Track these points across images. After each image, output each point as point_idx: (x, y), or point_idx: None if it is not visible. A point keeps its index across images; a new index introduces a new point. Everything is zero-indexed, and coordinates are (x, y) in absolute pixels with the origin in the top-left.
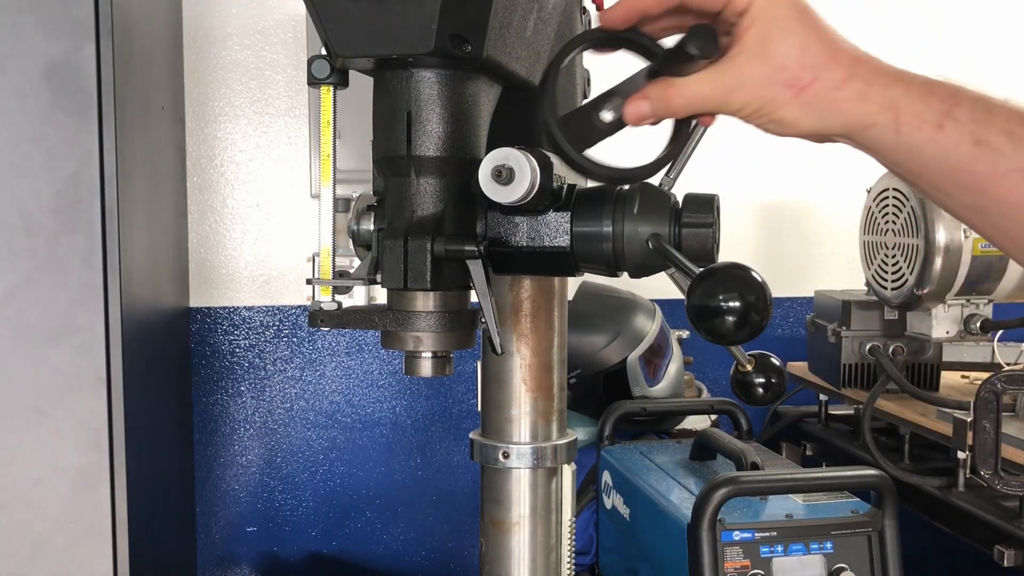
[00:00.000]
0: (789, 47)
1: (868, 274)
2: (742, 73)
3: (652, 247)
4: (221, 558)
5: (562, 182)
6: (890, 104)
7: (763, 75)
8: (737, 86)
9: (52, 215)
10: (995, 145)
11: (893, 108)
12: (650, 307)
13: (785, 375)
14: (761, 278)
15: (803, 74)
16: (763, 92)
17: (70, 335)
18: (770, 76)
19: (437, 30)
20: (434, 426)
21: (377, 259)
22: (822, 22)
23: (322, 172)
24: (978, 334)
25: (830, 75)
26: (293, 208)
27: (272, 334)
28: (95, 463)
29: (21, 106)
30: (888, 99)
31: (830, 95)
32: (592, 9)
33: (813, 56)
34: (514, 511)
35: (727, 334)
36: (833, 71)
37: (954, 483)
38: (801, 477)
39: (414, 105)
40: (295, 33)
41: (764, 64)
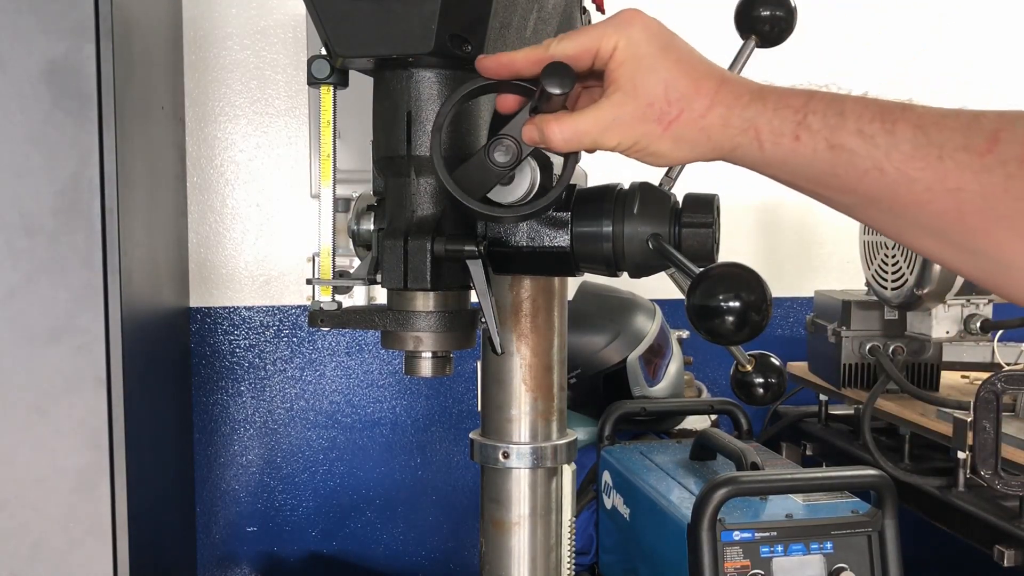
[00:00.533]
0: (655, 84)
1: (868, 274)
2: (616, 111)
3: (652, 247)
4: (221, 558)
5: None
6: (749, 124)
7: (635, 112)
8: (613, 123)
9: (52, 215)
10: (849, 147)
11: (752, 127)
12: (650, 307)
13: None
14: (761, 278)
15: (670, 108)
16: (636, 128)
17: (70, 335)
18: (641, 113)
19: (437, 30)
20: (434, 426)
21: (377, 259)
22: (686, 53)
23: (322, 172)
24: (978, 334)
25: (695, 106)
26: (293, 208)
27: (272, 334)
28: (95, 463)
29: (21, 106)
30: (747, 120)
31: (697, 125)
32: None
33: (678, 90)
34: (514, 511)
35: (727, 334)
36: (698, 101)
37: (954, 483)
38: (801, 477)
39: (414, 105)
40: (295, 33)
41: (635, 102)
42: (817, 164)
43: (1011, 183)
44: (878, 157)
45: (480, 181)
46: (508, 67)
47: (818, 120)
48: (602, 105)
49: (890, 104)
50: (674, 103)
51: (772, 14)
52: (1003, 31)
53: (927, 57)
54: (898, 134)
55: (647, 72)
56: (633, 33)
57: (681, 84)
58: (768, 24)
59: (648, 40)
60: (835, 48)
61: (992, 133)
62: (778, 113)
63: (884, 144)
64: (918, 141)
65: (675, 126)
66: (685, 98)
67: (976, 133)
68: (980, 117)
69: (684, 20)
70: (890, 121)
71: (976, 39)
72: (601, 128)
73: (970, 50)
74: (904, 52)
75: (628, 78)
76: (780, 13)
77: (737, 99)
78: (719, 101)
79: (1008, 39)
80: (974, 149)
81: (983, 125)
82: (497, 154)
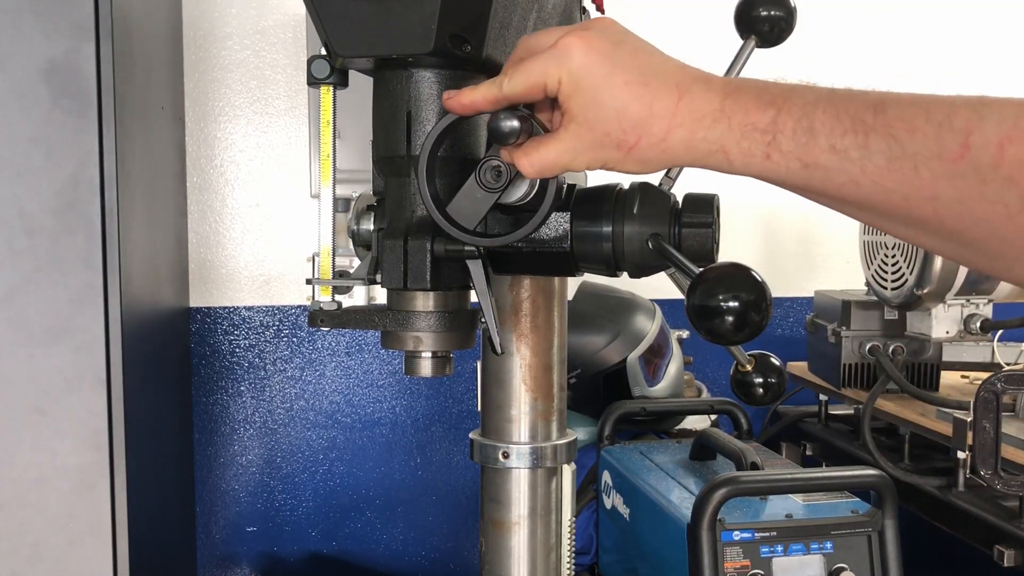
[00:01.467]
0: (607, 113)
1: (868, 274)
2: (575, 142)
3: (652, 247)
4: (221, 558)
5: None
6: (716, 146)
7: (593, 141)
8: (576, 152)
9: (52, 215)
10: (822, 163)
11: (720, 148)
12: (650, 307)
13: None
14: (761, 278)
15: (627, 136)
16: (599, 154)
17: (70, 335)
18: (600, 141)
19: (437, 30)
20: (434, 426)
21: (377, 259)
22: (636, 71)
23: (322, 172)
24: (978, 334)
25: (653, 130)
26: (293, 208)
27: (272, 334)
28: (95, 463)
29: (21, 106)
30: (712, 141)
31: (658, 148)
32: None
33: (631, 118)
34: (514, 511)
35: (727, 334)
36: (653, 127)
37: (954, 483)
38: (801, 477)
39: (414, 105)
40: (295, 33)
41: (591, 132)
42: (791, 179)
43: (985, 188)
44: (853, 172)
45: (474, 210)
46: (471, 107)
47: (788, 140)
48: (562, 136)
49: (861, 108)
50: (629, 131)
51: (772, 14)
52: (1003, 33)
53: (927, 58)
54: (871, 147)
55: (595, 105)
56: (573, 65)
57: (633, 110)
58: (768, 24)
59: (590, 69)
60: (835, 48)
61: (963, 136)
62: (746, 135)
63: (858, 158)
64: (892, 153)
65: (635, 151)
66: (640, 124)
67: (948, 137)
68: (952, 116)
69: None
70: (862, 133)
71: (976, 40)
72: (568, 158)
73: (970, 51)
74: (904, 53)
75: (579, 110)
76: (780, 13)
77: (698, 121)
78: (678, 124)
79: (1008, 41)
80: (947, 156)
81: (955, 126)
82: (488, 176)
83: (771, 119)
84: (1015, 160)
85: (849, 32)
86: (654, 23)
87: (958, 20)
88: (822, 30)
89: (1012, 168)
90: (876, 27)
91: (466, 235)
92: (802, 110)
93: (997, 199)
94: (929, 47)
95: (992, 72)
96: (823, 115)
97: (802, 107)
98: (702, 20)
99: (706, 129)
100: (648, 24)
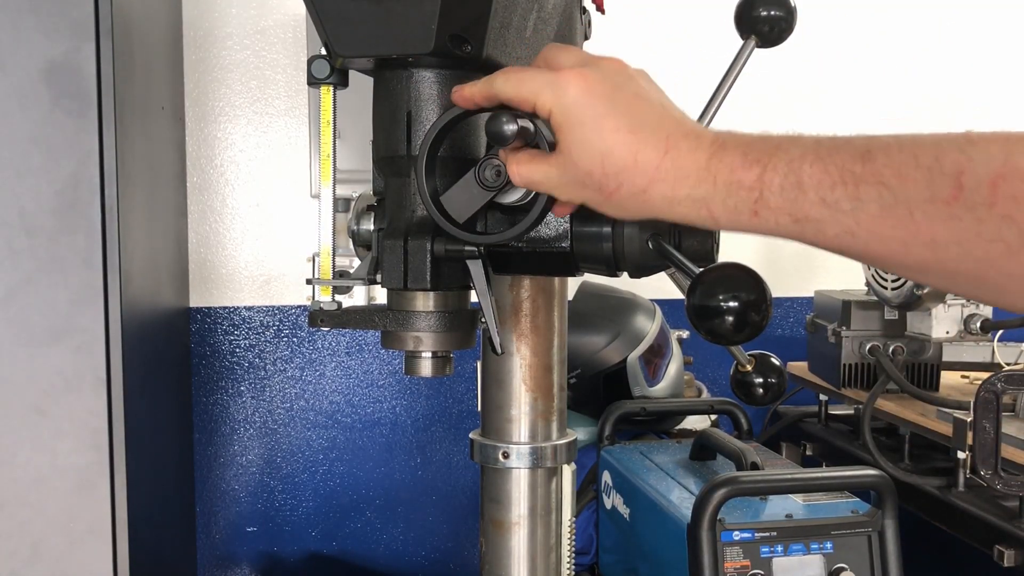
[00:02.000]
0: (592, 155)
1: (868, 274)
2: (561, 173)
3: (652, 247)
4: (221, 558)
5: None
6: (699, 203)
7: (575, 179)
8: (560, 183)
9: (52, 215)
10: (814, 217)
11: (704, 206)
12: (650, 307)
13: (785, 375)
14: (761, 278)
15: (607, 182)
16: (580, 192)
17: (70, 335)
18: (582, 180)
19: (437, 30)
20: (434, 426)
21: (377, 259)
22: (627, 117)
23: (322, 172)
24: (978, 334)
25: (634, 181)
26: (293, 208)
27: (272, 334)
28: (95, 463)
29: (21, 106)
30: (695, 200)
31: (638, 199)
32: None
33: (614, 164)
34: (514, 511)
35: (727, 334)
36: (636, 178)
37: (954, 483)
38: (801, 477)
39: (414, 105)
40: (295, 33)
41: (574, 169)
42: (782, 233)
43: (982, 227)
44: (847, 223)
45: (467, 205)
46: (468, 101)
47: (775, 196)
48: (552, 162)
49: (849, 159)
50: (611, 176)
51: (772, 14)
52: (1003, 34)
53: (927, 59)
54: (863, 196)
55: (582, 144)
56: (567, 101)
57: (617, 156)
58: (768, 24)
59: (583, 108)
60: (835, 49)
61: (955, 178)
62: (732, 194)
63: (850, 208)
64: (884, 201)
65: (616, 197)
66: (623, 172)
67: (940, 180)
68: (940, 158)
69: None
70: (852, 184)
71: (976, 42)
72: (551, 184)
73: (970, 52)
74: (904, 54)
75: (567, 145)
76: (780, 13)
77: (682, 179)
78: (659, 179)
79: (1007, 43)
80: (940, 199)
81: (945, 168)
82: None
83: (757, 176)
84: (1009, 197)
85: (849, 32)
86: (654, 23)
87: (958, 20)
88: (822, 30)
89: (1007, 205)
90: (876, 27)
91: (458, 230)
92: (788, 166)
93: (996, 237)
94: (929, 47)
95: (992, 72)
96: (810, 168)
97: (788, 163)
98: (702, 20)
99: (690, 187)
100: (648, 24)
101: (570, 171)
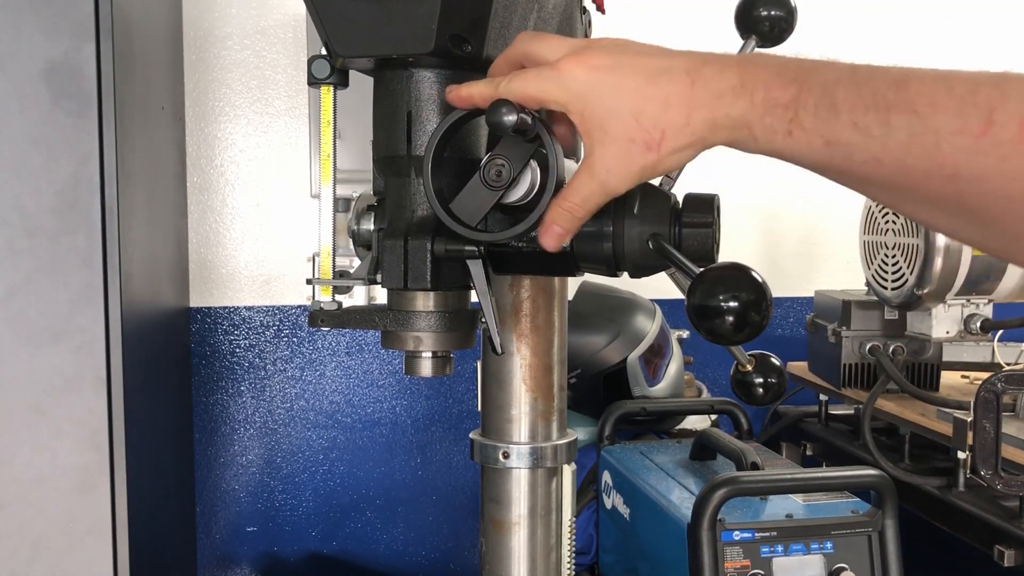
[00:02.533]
0: (625, 122)
1: (868, 274)
2: (604, 161)
3: (652, 247)
4: (221, 558)
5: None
6: (739, 122)
7: (620, 152)
8: (608, 173)
9: (52, 215)
10: (844, 140)
11: (744, 124)
12: (650, 307)
13: (785, 375)
14: (761, 278)
15: (651, 135)
16: (631, 166)
17: (70, 335)
18: (627, 150)
19: (437, 30)
20: (434, 426)
21: (377, 259)
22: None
23: (322, 172)
24: (978, 334)
25: (674, 121)
26: (293, 208)
27: (272, 334)
28: (95, 463)
29: (21, 106)
30: (735, 119)
31: (683, 136)
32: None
33: (649, 117)
34: (514, 511)
35: (727, 334)
36: (674, 116)
37: (954, 483)
38: (801, 477)
39: (414, 105)
40: (295, 33)
41: (614, 144)
42: (812, 157)
43: (1006, 165)
44: (874, 149)
45: (478, 207)
46: (468, 100)
47: (810, 116)
48: (590, 162)
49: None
50: (652, 129)
51: (772, 14)
52: (1003, 33)
53: (927, 58)
54: (893, 123)
55: (611, 117)
56: (576, 86)
57: (651, 109)
58: (768, 24)
59: (595, 85)
60: (835, 49)
61: (986, 112)
62: (769, 111)
63: (880, 135)
64: (914, 128)
65: (664, 145)
66: (660, 117)
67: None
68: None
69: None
70: (884, 110)
71: (976, 42)
72: (603, 184)
73: (970, 53)
74: (904, 54)
75: (596, 127)
76: (780, 13)
77: (718, 99)
78: (696, 105)
79: (1008, 41)
80: (969, 132)
81: (978, 102)
82: (492, 174)
83: (792, 95)
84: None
85: (849, 32)
86: (654, 23)
87: (958, 20)
88: (822, 30)
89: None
90: (876, 27)
91: (470, 231)
92: (823, 87)
93: (1018, 176)
94: (929, 47)
95: None
96: (844, 92)
97: (823, 84)
98: (702, 20)
99: (728, 106)
100: (648, 24)
101: (611, 151)
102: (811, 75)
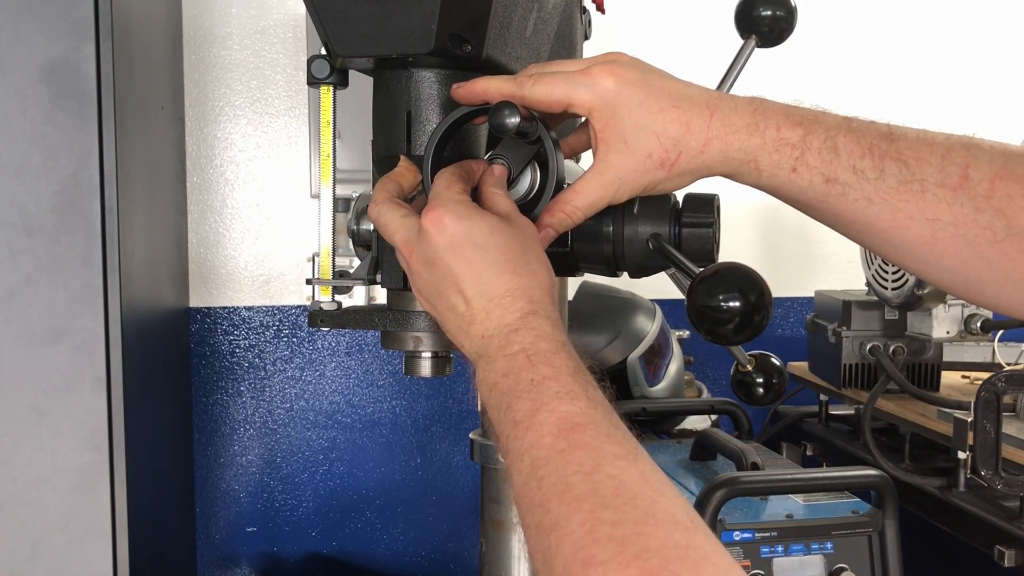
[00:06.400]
0: (647, 137)
1: (868, 274)
2: (619, 171)
3: (652, 247)
4: (221, 558)
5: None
6: (748, 157)
7: (635, 166)
8: (619, 183)
9: (52, 215)
10: (842, 180)
11: (752, 159)
12: (650, 307)
13: (785, 375)
14: (761, 278)
15: (668, 154)
16: (641, 179)
17: (70, 335)
18: (642, 165)
19: (437, 30)
20: (434, 426)
21: (377, 259)
22: (667, 95)
23: (322, 172)
24: (978, 334)
25: (691, 146)
26: (293, 208)
27: (272, 334)
28: (95, 463)
29: (21, 106)
30: (746, 153)
31: (696, 160)
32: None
33: (670, 136)
34: (514, 511)
35: (727, 334)
36: (692, 141)
37: (954, 483)
38: (801, 477)
39: (414, 105)
40: (295, 33)
41: (632, 157)
42: (811, 193)
43: (978, 215)
44: (868, 190)
45: None
46: (481, 96)
47: (815, 156)
48: (601, 169)
49: (876, 137)
50: (670, 149)
51: (772, 14)
52: (1003, 33)
53: (927, 60)
54: (886, 170)
55: (635, 130)
56: (607, 94)
57: (672, 130)
58: (768, 24)
59: (625, 97)
60: (835, 49)
61: (962, 168)
62: (778, 149)
63: (874, 179)
64: (903, 176)
65: (676, 166)
66: (680, 140)
67: (950, 168)
68: (951, 151)
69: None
70: (879, 157)
71: (976, 43)
72: (612, 191)
73: (970, 54)
74: (904, 55)
75: (618, 137)
76: (780, 13)
77: (733, 133)
78: (714, 136)
79: (1008, 40)
80: (948, 184)
81: (955, 159)
82: None
83: (800, 136)
84: (1004, 194)
85: (849, 32)
86: (654, 23)
87: (958, 20)
88: (822, 30)
89: (1002, 201)
90: (876, 27)
91: None
92: (826, 132)
93: (987, 225)
94: (929, 47)
95: (992, 72)
96: (844, 139)
97: (826, 129)
98: (702, 20)
99: (741, 141)
100: (648, 24)
101: (627, 164)
102: (815, 121)
